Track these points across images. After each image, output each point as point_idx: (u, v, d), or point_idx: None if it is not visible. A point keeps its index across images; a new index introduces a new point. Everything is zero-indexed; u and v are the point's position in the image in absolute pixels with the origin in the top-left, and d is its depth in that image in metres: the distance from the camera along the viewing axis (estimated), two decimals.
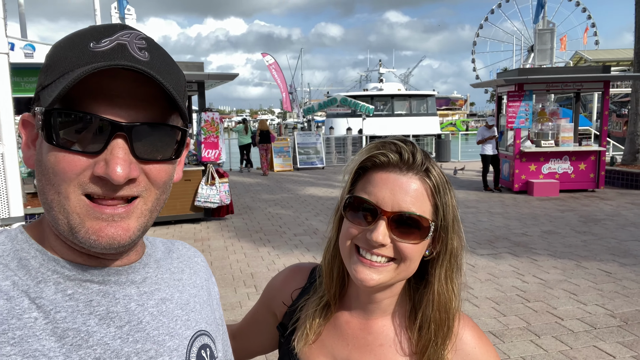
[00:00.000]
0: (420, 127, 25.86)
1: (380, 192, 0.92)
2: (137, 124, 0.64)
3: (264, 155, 16.90)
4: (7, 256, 0.66)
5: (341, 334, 1.06)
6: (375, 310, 1.04)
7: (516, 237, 7.69)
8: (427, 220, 0.93)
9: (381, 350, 1.02)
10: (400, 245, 0.93)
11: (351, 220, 0.96)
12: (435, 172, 0.95)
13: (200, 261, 0.93)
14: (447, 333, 0.99)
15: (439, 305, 0.98)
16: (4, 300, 0.61)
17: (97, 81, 0.62)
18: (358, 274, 0.94)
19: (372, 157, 0.96)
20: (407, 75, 70.29)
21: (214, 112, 9.06)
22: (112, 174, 0.61)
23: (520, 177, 11.73)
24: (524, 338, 4.21)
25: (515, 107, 11.67)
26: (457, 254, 0.99)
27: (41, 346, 0.61)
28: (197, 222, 9.09)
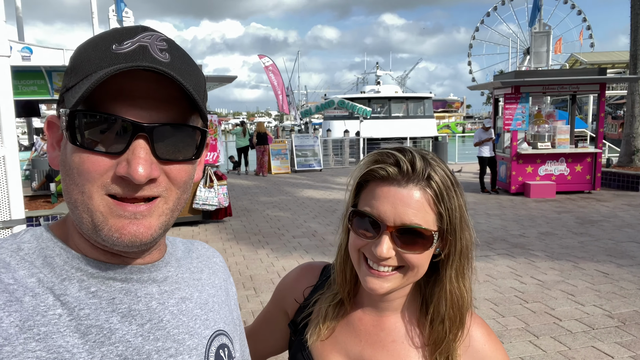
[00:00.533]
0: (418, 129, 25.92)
1: (382, 206, 0.93)
2: (158, 125, 0.65)
3: (261, 156, 17.01)
4: (33, 254, 0.68)
5: (354, 330, 1.08)
6: (388, 307, 1.06)
7: (514, 238, 7.72)
8: (430, 231, 0.94)
9: (394, 346, 1.04)
10: (405, 257, 0.94)
11: (356, 232, 0.98)
12: (437, 178, 0.94)
13: (219, 261, 0.95)
14: (460, 327, 1.01)
15: (452, 303, 1.00)
16: (29, 297, 0.63)
17: (119, 82, 0.63)
18: (368, 284, 0.97)
19: (372, 171, 0.96)
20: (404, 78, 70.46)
21: (212, 114, 9.07)
22: (133, 173, 0.62)
23: (517, 179, 11.77)
24: (523, 338, 4.23)
25: (512, 109, 11.72)
26: (467, 252, 1.00)
27: (65, 342, 0.62)
28: (196, 224, 9.08)
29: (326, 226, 8.75)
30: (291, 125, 36.75)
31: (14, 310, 0.60)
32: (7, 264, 0.65)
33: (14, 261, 0.66)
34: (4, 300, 0.60)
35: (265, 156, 17.08)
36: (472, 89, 15.73)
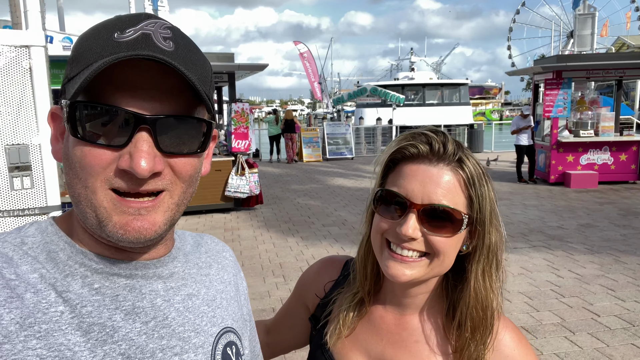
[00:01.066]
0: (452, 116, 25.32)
1: (409, 185, 0.90)
2: (161, 117, 0.63)
3: (289, 144, 17.16)
4: (37, 248, 0.67)
5: (375, 328, 1.04)
6: (410, 305, 1.01)
7: (551, 230, 7.46)
8: (460, 213, 0.89)
9: (416, 347, 1.00)
10: (431, 239, 0.89)
11: (382, 214, 0.94)
12: (469, 163, 0.91)
13: (228, 256, 0.92)
14: (486, 332, 0.95)
15: (476, 302, 0.94)
16: (31, 293, 0.61)
17: (121, 72, 0.61)
18: (389, 270, 0.92)
19: (402, 148, 0.93)
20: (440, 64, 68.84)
21: (244, 102, 9.13)
22: (136, 167, 0.60)
23: (556, 168, 11.35)
24: (558, 334, 4.09)
25: (552, 95, 11.28)
26: (495, 250, 0.95)
27: (66, 340, 0.60)
28: (227, 212, 9.22)
29: (356, 215, 8.70)
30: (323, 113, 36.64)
31: (14, 307, 0.59)
32: (10, 258, 0.64)
33: (16, 256, 0.64)
34: (4, 297, 0.59)
35: (293, 144, 17.18)
36: (510, 75, 15.20)
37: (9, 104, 2.96)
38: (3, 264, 0.62)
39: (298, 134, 17.25)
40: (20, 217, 3.06)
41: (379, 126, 20.11)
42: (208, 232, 7.78)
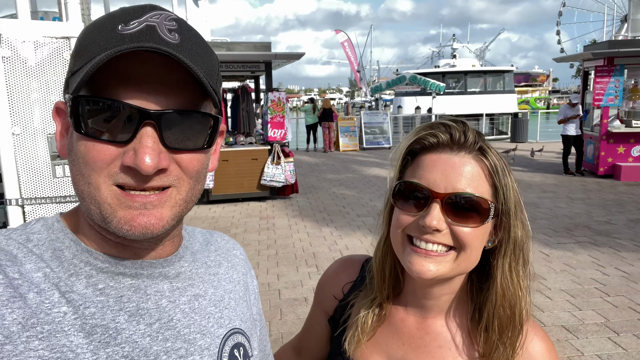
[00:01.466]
0: (496, 105, 24.47)
1: (431, 175, 0.86)
2: (166, 112, 0.61)
3: (327, 133, 17.17)
4: (42, 246, 0.66)
5: (396, 332, 1.00)
6: (433, 307, 0.97)
7: (598, 225, 7.11)
8: (486, 201, 0.85)
9: (440, 353, 0.95)
10: (457, 231, 0.85)
11: (402, 208, 0.89)
12: (492, 152, 0.88)
13: (239, 254, 0.90)
14: (515, 333, 0.90)
15: (504, 300, 0.89)
16: (34, 293, 0.60)
17: (125, 66, 0.59)
18: (413, 266, 0.86)
19: (421, 139, 0.90)
20: (483, 50, 66.64)
21: (280, 91, 9.14)
22: (140, 164, 0.59)
23: (606, 160, 10.80)
24: (601, 335, 3.89)
25: (603, 83, 10.69)
26: (522, 244, 0.90)
27: (69, 342, 0.60)
28: (263, 200, 9.32)
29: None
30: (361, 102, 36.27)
31: (17, 307, 0.58)
32: (14, 256, 0.63)
33: (21, 254, 0.63)
34: (7, 297, 0.58)
35: (331, 132, 17.17)
36: (558, 61, 14.50)
37: (51, 93, 3.06)
38: (7, 262, 0.61)
39: (335, 123, 17.20)
40: (61, 203, 3.18)
41: (418, 115, 19.72)
42: (244, 220, 7.90)
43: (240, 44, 9.58)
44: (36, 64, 3.01)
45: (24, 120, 3.00)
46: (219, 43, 9.80)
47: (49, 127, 3.09)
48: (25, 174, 3.06)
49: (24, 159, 3.03)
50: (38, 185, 3.10)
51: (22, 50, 2.96)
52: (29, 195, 3.08)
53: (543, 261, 5.62)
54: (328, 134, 17.18)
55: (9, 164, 2.99)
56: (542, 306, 4.45)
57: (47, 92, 3.04)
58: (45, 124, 3.07)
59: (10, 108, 2.93)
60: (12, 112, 2.94)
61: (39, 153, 3.08)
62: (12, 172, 3.01)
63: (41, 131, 3.06)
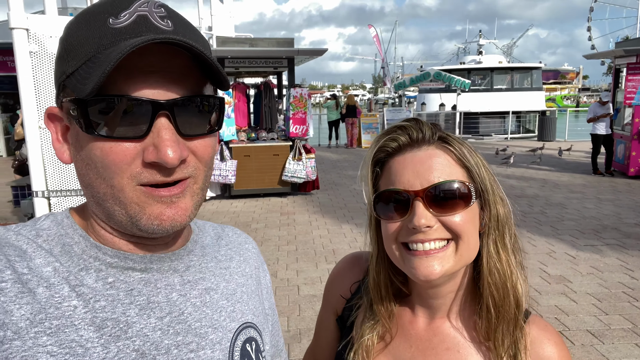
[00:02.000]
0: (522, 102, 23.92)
1: (403, 177, 0.87)
2: (177, 99, 0.61)
3: (350, 129, 17.22)
4: (52, 241, 0.66)
5: (404, 335, 0.98)
6: (441, 306, 0.95)
7: (628, 227, 6.87)
8: (464, 183, 0.85)
9: (447, 355, 0.93)
10: (447, 221, 0.84)
11: (387, 218, 0.89)
12: (453, 139, 0.89)
13: (251, 248, 0.90)
14: (510, 311, 0.88)
15: (493, 278, 0.88)
16: (43, 287, 0.60)
17: (128, 59, 0.58)
18: (418, 271, 0.85)
19: (383, 146, 0.92)
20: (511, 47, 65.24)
21: (302, 87, 9.13)
22: (164, 157, 0.59)
23: (637, 161, 10.45)
24: (628, 340, 3.77)
25: (635, 81, 10.36)
26: (504, 220, 0.90)
27: (78, 337, 0.59)
28: (284, 196, 9.34)
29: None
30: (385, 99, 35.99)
31: (25, 302, 0.58)
32: (24, 252, 0.63)
33: (30, 249, 0.63)
34: (15, 292, 0.58)
35: (354, 129, 17.18)
36: (589, 58, 14.10)
37: None
38: (16, 258, 0.61)
39: (358, 119, 17.16)
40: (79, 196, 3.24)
41: (442, 112, 19.45)
42: (265, 215, 7.94)
43: (264, 40, 9.61)
44: None
45: None
46: (242, 39, 9.86)
47: None
48: (51, 167, 3.13)
49: (50, 152, 3.10)
50: (63, 178, 3.17)
51: (49, 46, 3.02)
52: (55, 187, 3.15)
53: (569, 263, 5.47)
54: (351, 130, 17.20)
55: (36, 157, 3.06)
56: (567, 309, 4.33)
57: None
58: None
59: (38, 102, 3.00)
60: (39, 106, 3.00)
61: None
62: (38, 165, 3.08)
63: None
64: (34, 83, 2.96)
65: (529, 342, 0.90)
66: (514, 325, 0.88)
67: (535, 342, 0.90)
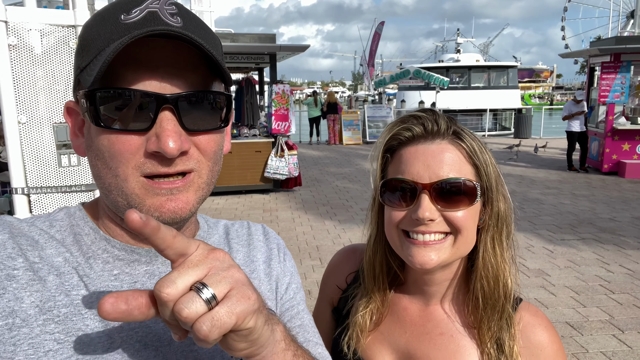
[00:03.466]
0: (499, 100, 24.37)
1: (413, 167, 0.88)
2: (182, 94, 0.62)
3: (331, 126, 17.24)
4: (64, 231, 0.68)
5: (399, 321, 1.01)
6: (435, 293, 0.98)
7: (602, 222, 7.08)
8: (471, 182, 0.87)
9: (441, 340, 0.96)
10: (450, 216, 0.87)
11: (392, 205, 0.91)
12: (466, 134, 0.90)
13: (261, 237, 0.89)
14: (499, 303, 0.91)
15: (486, 271, 0.91)
16: (54, 275, 0.62)
17: (135, 53, 0.60)
18: (415, 258, 0.88)
19: (396, 134, 0.92)
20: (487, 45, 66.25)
21: (284, 84, 9.10)
22: (164, 147, 0.60)
23: (610, 157, 10.76)
24: (606, 332, 3.89)
25: (609, 79, 10.63)
26: (504, 217, 0.93)
27: (85, 325, 0.61)
28: (267, 192, 9.31)
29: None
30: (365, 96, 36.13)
31: (35, 290, 0.60)
32: (36, 241, 0.65)
33: (42, 239, 0.65)
34: (26, 280, 0.60)
35: (335, 125, 17.21)
36: (564, 57, 14.41)
37: (57, 82, 3.04)
38: (28, 247, 0.63)
39: (339, 116, 17.21)
40: (67, 193, 3.17)
41: None
42: (247, 212, 7.89)
43: (245, 35, 9.53)
44: (42, 52, 2.98)
45: (30, 109, 2.98)
46: (223, 34, 9.75)
47: (55, 116, 3.06)
48: (31, 163, 3.04)
49: (29, 148, 3.02)
50: (44, 175, 3.09)
51: (28, 39, 2.94)
52: (35, 184, 3.06)
53: (547, 257, 5.61)
54: (333, 127, 17.24)
55: (15, 152, 2.97)
56: (546, 302, 4.44)
57: (53, 81, 3.02)
58: (51, 113, 3.05)
59: (17, 96, 2.91)
60: (18, 101, 2.92)
61: (44, 142, 3.06)
62: (18, 161, 2.99)
63: (47, 120, 3.04)
64: (13, 77, 2.87)
65: (520, 328, 0.93)
66: (500, 314, 0.92)
67: (526, 327, 0.93)
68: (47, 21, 2.96)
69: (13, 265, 0.60)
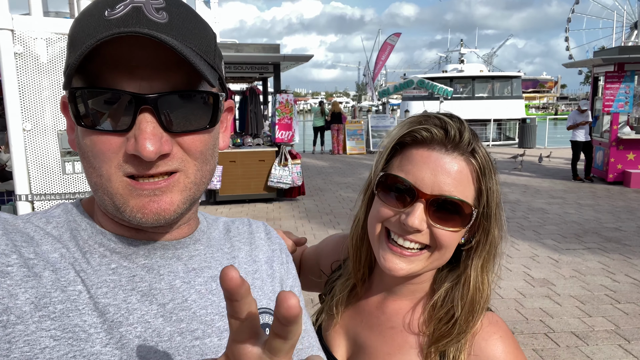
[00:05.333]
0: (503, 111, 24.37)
1: (419, 172, 0.84)
2: (162, 94, 0.59)
3: (335, 135, 17.30)
4: (61, 227, 0.67)
5: (358, 308, 1.01)
6: (397, 291, 0.97)
7: (608, 232, 7.03)
8: (470, 206, 0.84)
9: (390, 333, 0.94)
10: (437, 232, 0.84)
11: (384, 200, 0.88)
12: (481, 153, 0.86)
13: (263, 236, 0.87)
14: (470, 325, 0.89)
15: (472, 297, 0.89)
16: (49, 271, 0.60)
17: (114, 52, 0.58)
18: (386, 263, 0.87)
19: (413, 132, 0.87)
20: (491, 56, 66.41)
21: (288, 93, 9.14)
22: (142, 150, 0.58)
23: (615, 167, 10.70)
24: (612, 342, 3.84)
25: (613, 89, 10.61)
26: (496, 244, 0.90)
27: (82, 321, 0.59)
28: (270, 201, 9.31)
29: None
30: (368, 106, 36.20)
31: (30, 286, 0.58)
32: (31, 238, 0.63)
33: (38, 235, 0.64)
34: (21, 276, 0.58)
35: (339, 135, 17.26)
36: (568, 67, 14.43)
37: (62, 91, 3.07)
38: (22, 243, 0.61)
39: (343, 126, 17.26)
40: (71, 199, 3.18)
41: None
42: None
43: (249, 45, 9.61)
44: (48, 60, 3.02)
45: (35, 117, 3.01)
46: (228, 44, 9.84)
47: (59, 123, 3.09)
48: (35, 170, 3.07)
49: (34, 155, 3.04)
50: (48, 182, 3.11)
51: (34, 47, 2.97)
52: (39, 191, 3.08)
53: (552, 267, 5.56)
54: (337, 137, 17.29)
55: (20, 159, 2.99)
56: (551, 312, 4.39)
57: (58, 89, 3.05)
58: (56, 121, 3.08)
59: (22, 104, 2.94)
60: (23, 108, 2.95)
61: (49, 149, 3.09)
62: (22, 168, 3.02)
63: (52, 128, 3.07)
64: (19, 84, 2.90)
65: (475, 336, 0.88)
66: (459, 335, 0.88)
67: (481, 336, 0.88)
68: (53, 30, 3.00)
69: (7, 262, 0.58)
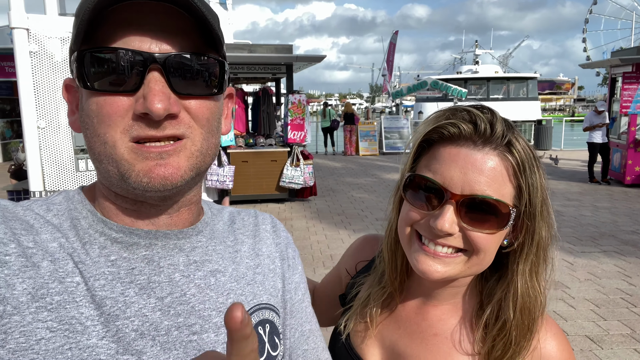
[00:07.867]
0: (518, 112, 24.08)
1: (448, 171, 0.78)
2: (171, 54, 0.60)
3: (348, 136, 17.27)
4: (62, 216, 0.66)
5: (394, 315, 0.95)
6: (437, 296, 0.91)
7: (625, 235, 6.89)
8: (507, 206, 0.77)
9: (434, 341, 0.89)
10: (471, 235, 0.78)
11: (412, 203, 0.82)
12: (519, 146, 0.78)
13: (269, 228, 0.86)
14: (528, 338, 0.82)
15: (523, 306, 0.82)
16: (48, 261, 0.59)
17: (125, 16, 0.60)
18: (420, 265, 0.81)
19: (440, 127, 0.81)
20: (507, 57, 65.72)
21: (300, 94, 9.15)
22: (151, 106, 0.58)
23: (633, 169, 10.49)
24: (627, 346, 3.76)
25: (631, 90, 10.42)
26: (545, 246, 0.82)
27: (79, 314, 0.58)
28: (282, 202, 9.32)
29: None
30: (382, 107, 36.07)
31: (28, 276, 0.57)
32: (30, 226, 0.62)
33: (37, 224, 0.63)
34: (19, 266, 0.57)
35: (352, 136, 17.22)
36: (585, 68, 14.22)
37: None
38: (22, 231, 0.61)
39: (356, 127, 17.23)
40: None
41: None
42: None
43: (262, 46, 9.64)
44: (62, 59, 3.07)
45: (49, 114, 3.05)
46: (241, 45, 9.89)
47: None
48: (49, 167, 3.11)
49: (48, 153, 3.09)
50: (61, 179, 3.16)
51: (48, 46, 3.02)
52: (53, 188, 3.13)
53: (567, 269, 5.47)
54: (349, 138, 17.25)
55: (34, 157, 3.04)
56: (565, 315, 4.32)
57: None
58: None
59: (37, 102, 2.99)
60: (38, 106, 2.99)
61: (63, 147, 3.13)
62: (36, 165, 3.06)
63: (65, 125, 3.11)
64: (34, 82, 2.95)
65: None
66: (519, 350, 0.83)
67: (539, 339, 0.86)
68: (67, 29, 3.04)
69: (5, 250, 0.57)
